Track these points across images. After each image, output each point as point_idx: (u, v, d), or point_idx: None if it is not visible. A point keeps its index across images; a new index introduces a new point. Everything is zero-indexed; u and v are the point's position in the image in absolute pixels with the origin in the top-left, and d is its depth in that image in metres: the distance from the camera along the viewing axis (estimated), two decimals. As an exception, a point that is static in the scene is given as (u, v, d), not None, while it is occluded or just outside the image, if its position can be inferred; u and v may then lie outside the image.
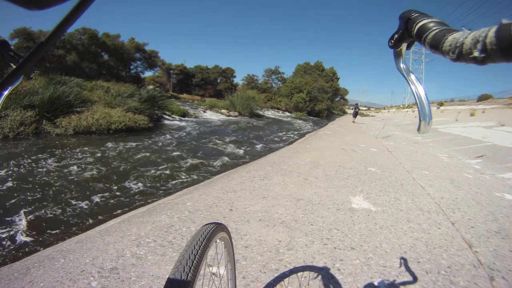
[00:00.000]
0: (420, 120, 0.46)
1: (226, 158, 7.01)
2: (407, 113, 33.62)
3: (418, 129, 0.46)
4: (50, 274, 1.75)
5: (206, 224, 0.79)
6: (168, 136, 10.00)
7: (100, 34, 35.23)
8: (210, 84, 60.04)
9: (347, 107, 63.60)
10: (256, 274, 1.84)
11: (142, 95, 14.04)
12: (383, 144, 9.11)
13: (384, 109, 78.61)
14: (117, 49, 37.09)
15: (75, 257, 1.95)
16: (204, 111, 21.80)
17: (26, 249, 2.64)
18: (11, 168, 4.79)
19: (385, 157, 6.54)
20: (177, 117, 16.02)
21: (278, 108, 40.06)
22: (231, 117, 21.77)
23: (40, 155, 5.74)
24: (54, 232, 2.99)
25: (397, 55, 0.52)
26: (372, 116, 43.30)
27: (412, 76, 0.49)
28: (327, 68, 55.67)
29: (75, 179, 4.57)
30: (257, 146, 9.68)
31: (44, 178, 4.48)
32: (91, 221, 3.28)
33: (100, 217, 3.39)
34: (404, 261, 2.12)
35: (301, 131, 16.70)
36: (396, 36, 0.48)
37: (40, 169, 4.88)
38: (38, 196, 3.82)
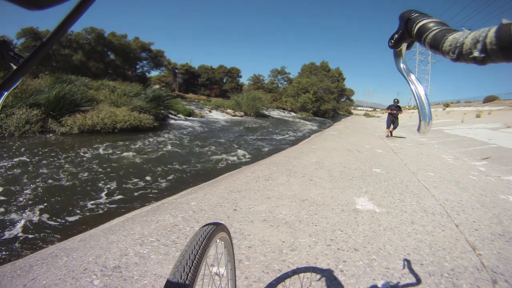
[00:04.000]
0: (420, 120, 0.46)
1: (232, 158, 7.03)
2: (413, 114, 33.37)
3: (418, 129, 0.46)
4: (53, 271, 1.77)
5: (206, 224, 0.79)
6: (172, 134, 10.05)
7: (106, 33, 35.39)
8: (216, 84, 60.10)
9: (353, 107, 63.11)
10: (259, 274, 1.84)
11: (148, 95, 14.13)
12: (388, 145, 9.05)
13: (390, 109, 78.00)
14: (123, 49, 37.14)
15: (78, 255, 1.96)
16: (210, 111, 21.93)
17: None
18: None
19: (390, 158, 6.50)
20: (182, 117, 16.11)
21: (283, 108, 40.06)
22: (236, 117, 21.86)
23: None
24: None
25: (397, 55, 0.52)
26: (377, 117, 43.01)
27: (412, 76, 0.49)
28: (333, 69, 55.53)
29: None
30: (266, 146, 9.70)
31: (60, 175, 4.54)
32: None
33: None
34: (408, 263, 2.10)
35: (307, 131, 16.69)
36: (396, 36, 0.48)
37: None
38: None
